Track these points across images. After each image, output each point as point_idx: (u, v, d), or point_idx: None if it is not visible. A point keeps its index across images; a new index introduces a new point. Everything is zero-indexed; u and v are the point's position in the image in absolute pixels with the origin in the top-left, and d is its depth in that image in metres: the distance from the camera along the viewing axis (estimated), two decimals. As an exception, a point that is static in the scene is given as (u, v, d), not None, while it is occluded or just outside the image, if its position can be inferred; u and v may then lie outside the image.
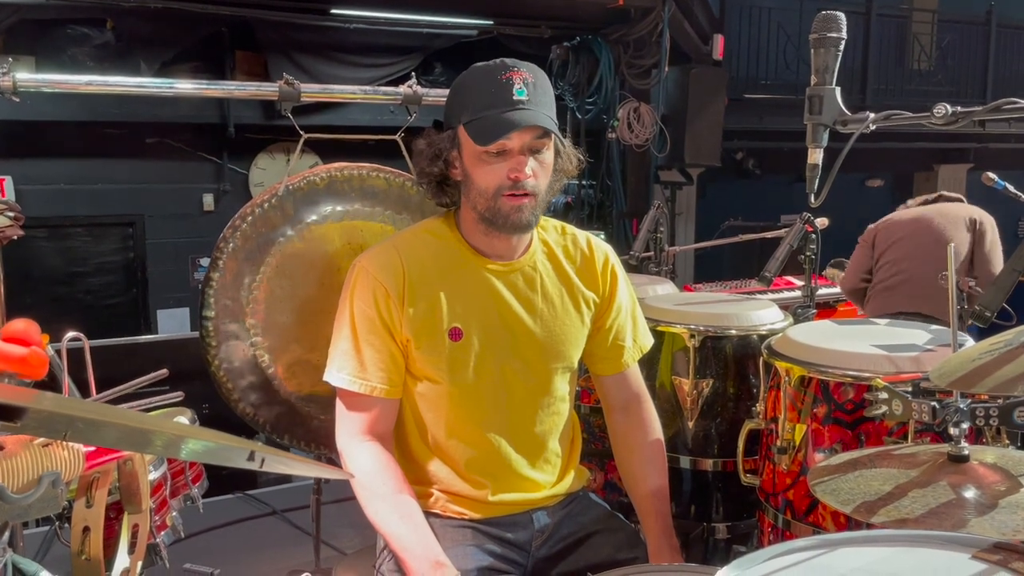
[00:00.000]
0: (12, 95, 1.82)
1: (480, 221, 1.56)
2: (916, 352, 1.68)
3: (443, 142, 1.56)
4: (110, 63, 5.94)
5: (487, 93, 1.49)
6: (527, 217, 1.53)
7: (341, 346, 1.57)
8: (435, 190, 1.61)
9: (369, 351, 1.55)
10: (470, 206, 1.57)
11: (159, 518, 1.71)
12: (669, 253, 3.21)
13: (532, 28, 6.74)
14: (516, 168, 1.49)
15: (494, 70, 1.51)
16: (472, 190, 1.54)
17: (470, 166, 1.53)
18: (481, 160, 1.51)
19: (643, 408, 1.77)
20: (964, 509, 1.10)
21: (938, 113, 1.30)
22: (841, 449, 1.66)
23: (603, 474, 2.45)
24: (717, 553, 2.11)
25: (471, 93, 1.52)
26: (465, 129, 1.51)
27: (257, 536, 3.44)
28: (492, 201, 1.51)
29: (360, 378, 1.55)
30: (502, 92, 1.48)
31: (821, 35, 1.41)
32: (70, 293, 6.47)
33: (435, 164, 1.57)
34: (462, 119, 1.52)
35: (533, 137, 1.50)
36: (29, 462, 0.99)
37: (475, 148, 1.50)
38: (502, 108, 1.47)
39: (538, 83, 1.51)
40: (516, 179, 1.49)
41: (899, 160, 9.29)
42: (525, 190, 1.50)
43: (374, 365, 1.54)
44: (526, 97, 1.48)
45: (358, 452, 1.56)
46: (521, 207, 1.51)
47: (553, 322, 1.63)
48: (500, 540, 1.61)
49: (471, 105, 1.51)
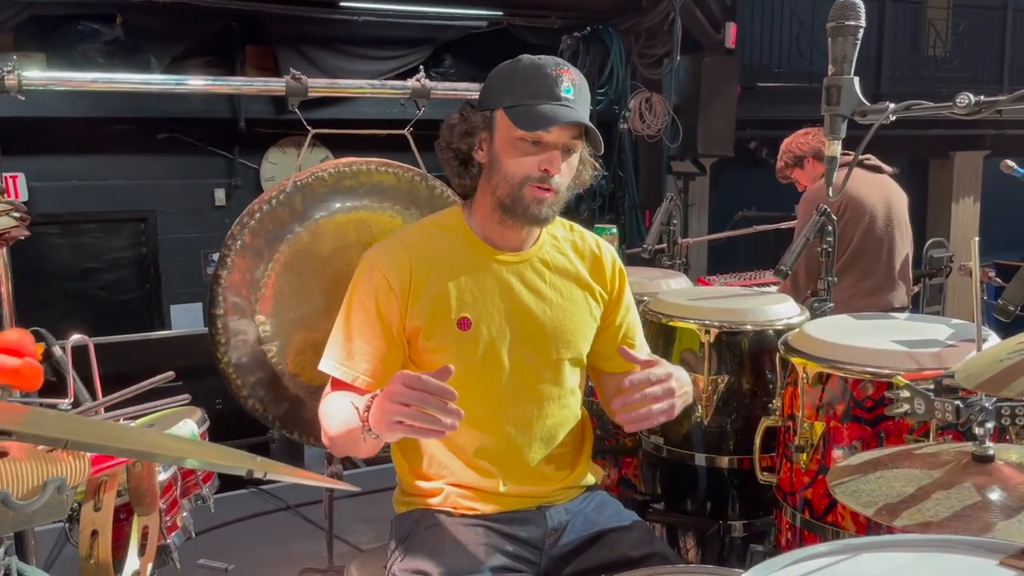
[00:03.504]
0: (18, 93, 1.81)
1: (496, 208, 1.58)
2: (937, 348, 1.64)
3: (477, 120, 1.58)
4: (120, 59, 5.94)
5: (535, 83, 1.51)
6: (546, 211, 1.55)
7: (335, 334, 1.61)
8: (454, 168, 1.63)
9: (359, 341, 1.57)
10: (489, 191, 1.58)
11: (170, 519, 1.70)
12: (682, 245, 3.18)
13: (542, 18, 6.69)
14: (550, 161, 1.51)
15: (545, 64, 1.54)
16: (497, 174, 1.55)
17: (501, 150, 1.55)
18: (515, 146, 1.53)
19: None
20: (990, 512, 1.07)
21: (961, 103, 1.26)
22: (860, 447, 1.62)
23: (617, 471, 2.43)
24: (733, 551, 2.08)
25: (517, 80, 1.54)
26: (506, 113, 1.53)
27: (270, 531, 3.45)
28: (516, 189, 1.53)
29: (345, 365, 1.57)
30: (551, 86, 1.50)
31: (839, 23, 1.37)
32: (83, 289, 6.49)
33: (464, 140, 1.59)
34: (503, 103, 1.54)
35: (571, 136, 1.53)
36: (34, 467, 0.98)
37: (512, 133, 1.52)
38: (549, 100, 1.49)
39: (583, 88, 1.55)
40: (547, 172, 1.51)
41: (914, 147, 9.16)
42: (551, 185, 1.53)
43: (361, 356, 1.56)
44: (572, 96, 1.51)
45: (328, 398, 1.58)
46: (543, 200, 1.53)
47: (561, 313, 1.64)
48: (513, 538, 1.60)
49: (516, 91, 1.52)
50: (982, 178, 9.77)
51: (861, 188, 3.15)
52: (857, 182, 3.15)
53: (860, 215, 3.12)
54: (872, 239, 3.15)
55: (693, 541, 2.14)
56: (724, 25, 6.77)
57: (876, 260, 3.17)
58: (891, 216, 3.19)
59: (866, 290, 3.16)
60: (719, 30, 6.77)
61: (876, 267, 3.18)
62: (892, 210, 3.20)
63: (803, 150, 3.36)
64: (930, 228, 9.59)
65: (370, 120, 4.27)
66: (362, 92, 2.41)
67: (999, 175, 3.10)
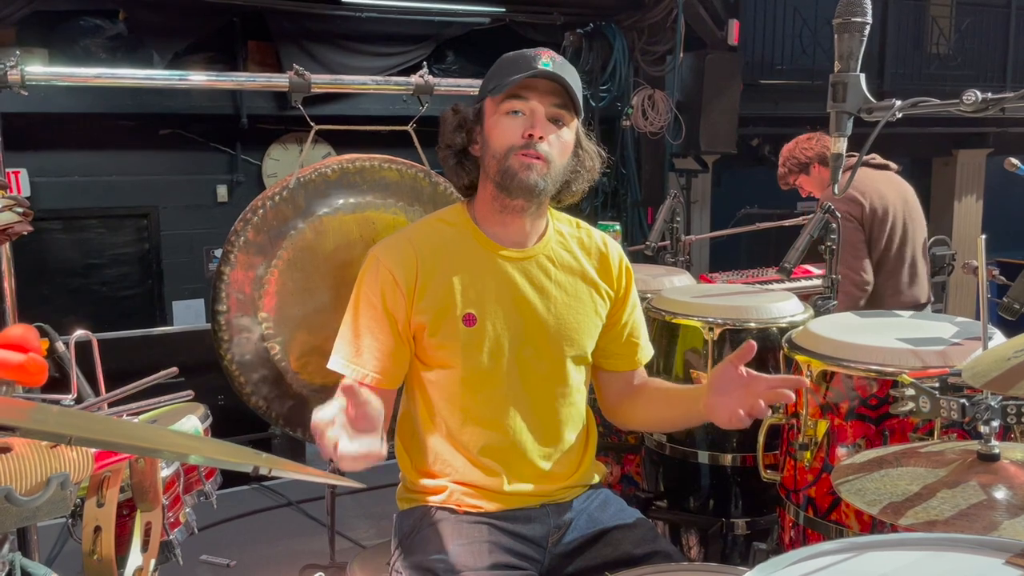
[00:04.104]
0: (21, 89, 1.81)
1: (494, 195, 1.57)
2: (942, 346, 1.63)
3: (468, 114, 1.60)
4: (123, 54, 5.94)
5: (515, 64, 1.53)
6: (535, 178, 1.52)
7: (343, 332, 1.60)
8: (454, 167, 1.63)
9: (368, 339, 1.56)
10: (487, 179, 1.58)
11: (172, 515, 1.70)
12: (685, 243, 3.17)
13: (545, 15, 6.67)
14: (531, 126, 1.51)
15: (526, 51, 1.55)
16: (488, 156, 1.56)
17: (489, 130, 1.56)
18: (499, 123, 1.54)
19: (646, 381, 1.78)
20: (995, 510, 1.07)
21: (967, 100, 1.26)
22: (865, 445, 1.62)
23: (620, 468, 2.43)
24: (736, 549, 2.08)
25: (499, 69, 1.56)
26: (490, 94, 1.54)
27: (273, 527, 3.45)
28: (503, 160, 1.53)
29: (354, 363, 1.56)
30: (528, 61, 1.52)
31: (845, 20, 1.37)
32: (86, 285, 6.49)
33: (458, 134, 1.60)
34: (488, 91, 1.55)
35: (552, 104, 1.52)
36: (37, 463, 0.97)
37: (494, 109, 1.54)
38: (525, 71, 1.50)
39: (565, 66, 1.55)
40: (530, 136, 1.51)
41: (917, 145, 9.14)
42: (538, 152, 1.52)
43: (370, 354, 1.55)
44: (551, 68, 1.51)
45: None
46: (531, 166, 1.52)
47: (566, 310, 1.63)
48: (516, 536, 1.59)
49: (497, 76, 1.55)
50: (985, 176, 9.74)
51: (881, 188, 3.13)
52: (873, 182, 3.12)
53: (885, 216, 3.11)
54: (897, 237, 3.15)
55: (696, 539, 2.14)
56: (727, 22, 6.75)
57: (901, 258, 3.16)
58: (909, 212, 3.19)
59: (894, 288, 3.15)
60: (722, 27, 6.75)
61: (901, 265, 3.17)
62: (908, 206, 3.20)
63: (808, 156, 3.28)
64: (933, 226, 9.55)
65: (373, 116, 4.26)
66: (365, 88, 2.41)
67: (1002, 173, 3.08)
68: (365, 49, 6.41)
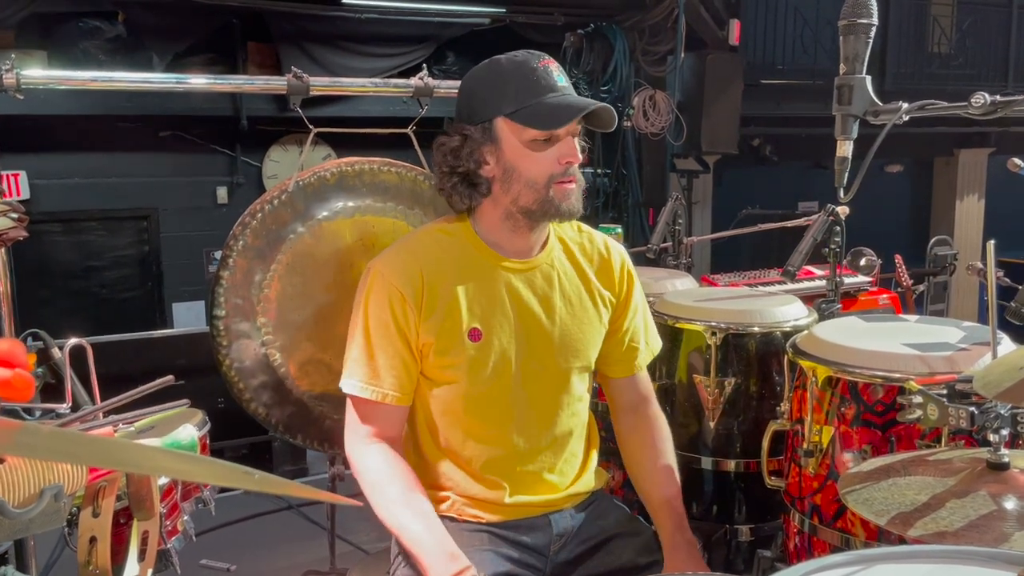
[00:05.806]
0: (16, 92, 1.79)
1: (514, 216, 1.52)
2: (949, 352, 1.61)
3: (477, 135, 1.50)
4: (122, 56, 5.93)
5: (528, 81, 1.47)
6: (575, 203, 1.51)
7: (354, 353, 1.54)
8: (462, 191, 1.54)
9: (382, 357, 1.51)
10: (506, 202, 1.51)
11: (170, 523, 1.68)
12: (687, 244, 3.15)
13: (545, 15, 6.66)
14: (569, 153, 1.48)
15: (526, 60, 1.49)
16: (516, 183, 1.49)
17: (514, 158, 1.49)
18: (529, 149, 1.48)
19: (651, 408, 1.75)
20: (1006, 521, 1.05)
21: (976, 103, 1.24)
22: (871, 452, 1.60)
23: (622, 473, 2.41)
24: (740, 555, 2.06)
25: (509, 84, 1.48)
26: (511, 119, 1.47)
27: (273, 531, 3.43)
28: (544, 191, 1.48)
29: (372, 385, 1.52)
30: (545, 79, 1.47)
31: (851, 21, 1.35)
32: (86, 287, 6.48)
33: (471, 159, 1.51)
34: (503, 110, 1.48)
35: (576, 122, 1.49)
36: (30, 475, 0.96)
37: (523, 137, 1.47)
38: (550, 93, 1.46)
39: (563, 70, 1.53)
40: (569, 163, 1.48)
41: (919, 145, 9.12)
42: (573, 176, 1.50)
43: (387, 372, 1.51)
44: (565, 84, 1.49)
45: (367, 453, 1.54)
46: (570, 193, 1.50)
47: (571, 321, 1.60)
48: (517, 544, 1.57)
49: (512, 95, 1.47)
50: (987, 176, 9.72)
51: None
52: None
53: None
54: None
55: (699, 546, 2.11)
56: (728, 22, 6.73)
57: None
58: None
59: None
60: (723, 27, 6.73)
61: None
62: None
63: None
64: (934, 226, 9.56)
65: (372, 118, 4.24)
66: (364, 90, 2.39)
67: (1004, 173, 3.07)
68: (365, 50, 6.40)
